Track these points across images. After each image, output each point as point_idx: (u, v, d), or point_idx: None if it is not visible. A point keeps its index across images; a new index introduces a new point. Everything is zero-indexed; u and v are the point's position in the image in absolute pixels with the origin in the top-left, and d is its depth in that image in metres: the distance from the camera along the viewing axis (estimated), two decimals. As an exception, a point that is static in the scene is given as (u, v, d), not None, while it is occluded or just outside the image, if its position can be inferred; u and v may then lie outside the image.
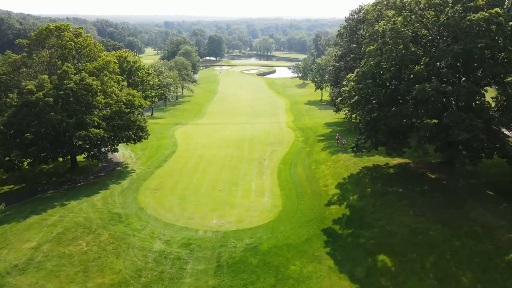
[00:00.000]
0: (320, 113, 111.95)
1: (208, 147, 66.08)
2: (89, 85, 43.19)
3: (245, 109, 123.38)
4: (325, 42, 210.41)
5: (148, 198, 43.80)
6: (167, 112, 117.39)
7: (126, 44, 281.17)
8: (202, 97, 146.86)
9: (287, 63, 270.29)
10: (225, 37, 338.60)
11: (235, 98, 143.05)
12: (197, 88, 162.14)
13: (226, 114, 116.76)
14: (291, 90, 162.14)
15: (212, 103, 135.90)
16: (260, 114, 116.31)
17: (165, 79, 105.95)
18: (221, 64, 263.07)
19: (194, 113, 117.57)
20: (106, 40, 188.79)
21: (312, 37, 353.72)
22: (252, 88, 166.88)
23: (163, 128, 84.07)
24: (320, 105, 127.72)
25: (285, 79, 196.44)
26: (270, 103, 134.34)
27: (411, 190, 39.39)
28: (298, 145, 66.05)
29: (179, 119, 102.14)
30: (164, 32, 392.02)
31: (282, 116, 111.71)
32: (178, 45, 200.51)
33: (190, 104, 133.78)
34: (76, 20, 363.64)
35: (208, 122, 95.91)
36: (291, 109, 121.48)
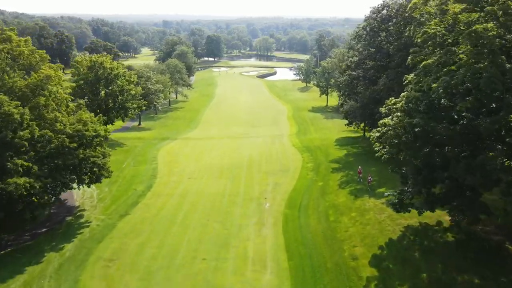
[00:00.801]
0: (327, 123, 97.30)
1: (195, 178, 51.37)
2: (7, 115, 28.72)
3: (243, 117, 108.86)
4: (328, 42, 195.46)
5: (96, 281, 29.20)
6: (157, 121, 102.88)
7: (121, 44, 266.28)
8: (198, 102, 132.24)
9: (288, 64, 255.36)
10: (224, 36, 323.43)
11: (233, 103, 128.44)
12: (193, 91, 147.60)
13: (222, 122, 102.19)
14: (293, 94, 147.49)
15: (208, 109, 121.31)
16: (260, 123, 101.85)
17: (153, 86, 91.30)
18: (220, 65, 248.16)
19: (187, 122, 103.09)
20: (97, 40, 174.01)
21: (313, 37, 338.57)
22: (251, 92, 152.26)
23: (146, 145, 69.31)
24: (326, 112, 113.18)
25: (286, 81, 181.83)
26: (271, 109, 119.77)
27: (493, 279, 25.02)
28: (308, 176, 51.37)
29: (168, 131, 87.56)
30: (161, 31, 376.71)
31: (284, 125, 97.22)
32: (173, 46, 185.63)
33: (184, 110, 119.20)
34: (71, 19, 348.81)
35: (200, 136, 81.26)
36: (294, 117, 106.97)
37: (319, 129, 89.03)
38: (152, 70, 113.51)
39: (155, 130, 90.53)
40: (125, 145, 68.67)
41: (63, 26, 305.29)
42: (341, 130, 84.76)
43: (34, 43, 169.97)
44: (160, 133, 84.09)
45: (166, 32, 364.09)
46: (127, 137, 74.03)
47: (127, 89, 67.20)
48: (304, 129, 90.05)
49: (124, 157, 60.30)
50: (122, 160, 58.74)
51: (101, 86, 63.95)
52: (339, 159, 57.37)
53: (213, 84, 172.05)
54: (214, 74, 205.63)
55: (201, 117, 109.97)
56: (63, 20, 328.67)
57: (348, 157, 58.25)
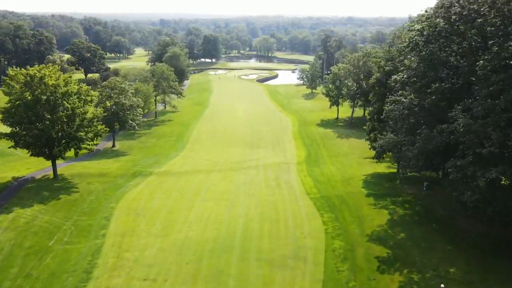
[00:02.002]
0: (342, 144, 79.51)
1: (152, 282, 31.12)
2: None
3: (240, 133, 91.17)
4: (335, 44, 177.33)
5: None
6: (138, 140, 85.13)
7: (112, 44, 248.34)
8: (189, 113, 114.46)
9: (290, 66, 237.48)
10: (223, 36, 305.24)
11: (229, 114, 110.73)
12: (186, 99, 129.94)
13: (214, 142, 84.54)
14: (297, 103, 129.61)
15: (200, 122, 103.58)
16: (260, 142, 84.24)
17: (129, 100, 73.55)
18: (217, 66, 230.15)
19: (173, 141, 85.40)
20: (79, 41, 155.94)
21: (316, 36, 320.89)
22: (250, 99, 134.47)
23: (105, 189, 49.02)
24: (337, 127, 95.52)
25: (289, 86, 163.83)
26: (273, 122, 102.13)
27: None
28: (337, 273, 32.04)
29: (146, 158, 69.82)
30: (157, 31, 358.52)
31: (290, 146, 79.64)
32: (165, 47, 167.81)
33: (172, 124, 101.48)
34: (62, 18, 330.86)
35: (183, 167, 63.07)
36: (301, 134, 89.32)
37: (334, 155, 71.19)
38: (134, 78, 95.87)
39: (131, 155, 72.81)
40: (76, 189, 50.18)
41: (52, 25, 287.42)
42: (363, 158, 67.09)
43: (8, 44, 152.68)
44: (134, 161, 66.26)
45: (162, 32, 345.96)
46: (85, 173, 56.04)
47: (81, 113, 49.19)
48: (315, 154, 72.28)
49: (64, 218, 41.67)
50: (59, 224, 40.49)
51: (43, 110, 45.99)
52: (382, 233, 37.96)
53: (208, 89, 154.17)
54: (210, 77, 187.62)
55: (191, 133, 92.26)
56: (54, 19, 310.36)
57: (394, 227, 39.00)
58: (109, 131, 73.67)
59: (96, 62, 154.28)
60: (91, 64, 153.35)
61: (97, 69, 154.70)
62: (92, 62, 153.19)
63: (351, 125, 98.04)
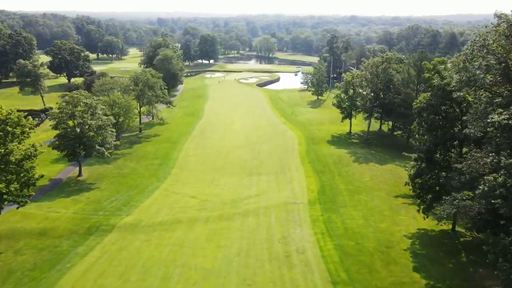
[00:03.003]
0: (363, 173, 63.72)
1: None
2: None
3: (237, 156, 75.56)
4: (342, 45, 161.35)
5: None
6: (113, 164, 69.42)
7: (104, 44, 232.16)
8: (179, 126, 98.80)
9: (292, 68, 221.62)
10: (221, 36, 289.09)
11: (225, 130, 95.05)
12: (177, 108, 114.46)
13: (205, 169, 69.05)
14: (302, 112, 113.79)
15: (191, 139, 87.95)
16: (260, 168, 68.83)
17: (97, 120, 57.84)
18: (215, 68, 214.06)
19: (156, 166, 69.89)
20: (61, 42, 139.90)
21: (319, 36, 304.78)
22: (250, 108, 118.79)
23: (33, 264, 33.63)
24: (352, 145, 79.84)
25: (292, 92, 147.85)
26: (276, 139, 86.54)
27: None
28: None
29: (116, 195, 54.36)
30: (153, 30, 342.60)
31: (297, 176, 64.24)
32: (157, 49, 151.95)
33: (158, 141, 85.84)
34: (54, 16, 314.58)
35: (158, 219, 47.57)
36: (310, 156, 73.82)
37: (355, 189, 55.57)
38: (110, 87, 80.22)
39: (99, 188, 57.28)
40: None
41: (42, 24, 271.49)
42: (393, 196, 51.58)
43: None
44: (99, 202, 50.80)
45: (158, 31, 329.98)
46: (20, 231, 40.29)
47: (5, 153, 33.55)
48: (330, 188, 56.73)
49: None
50: None
51: None
52: None
53: (204, 96, 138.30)
54: (206, 81, 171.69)
55: (178, 154, 76.72)
56: (45, 18, 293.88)
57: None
58: (72, 159, 58.08)
59: (80, 65, 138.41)
60: (74, 67, 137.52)
61: (81, 72, 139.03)
62: (75, 65, 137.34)
63: (368, 142, 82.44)
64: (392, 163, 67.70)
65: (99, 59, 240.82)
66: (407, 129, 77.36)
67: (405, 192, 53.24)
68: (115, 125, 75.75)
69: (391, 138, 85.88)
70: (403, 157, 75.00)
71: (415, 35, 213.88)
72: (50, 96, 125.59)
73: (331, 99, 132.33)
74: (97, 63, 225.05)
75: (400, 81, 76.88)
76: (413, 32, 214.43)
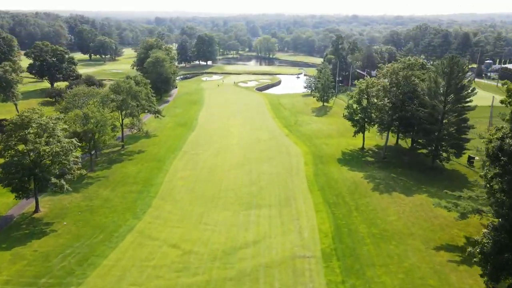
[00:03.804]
0: (387, 207, 51.40)
1: None
2: None
3: (232, 181, 63.29)
4: (348, 46, 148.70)
5: None
6: (83, 192, 57.18)
7: (96, 45, 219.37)
8: (169, 138, 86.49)
9: (294, 70, 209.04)
10: (220, 36, 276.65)
11: (219, 145, 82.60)
12: (168, 117, 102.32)
13: (193, 200, 56.86)
14: (307, 122, 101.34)
15: (180, 156, 75.64)
16: (260, 199, 56.63)
17: (53, 146, 45.36)
18: (212, 70, 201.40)
19: (134, 195, 57.71)
20: (42, 43, 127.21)
21: (321, 36, 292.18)
22: (249, 117, 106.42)
23: None
24: (367, 166, 67.52)
25: (295, 97, 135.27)
26: (278, 157, 74.22)
27: None
28: None
29: (72, 245, 41.98)
30: (150, 30, 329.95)
31: (305, 210, 52.29)
32: (149, 50, 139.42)
33: (142, 159, 73.50)
34: (47, 15, 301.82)
35: None
36: (319, 182, 61.69)
37: (380, 235, 43.34)
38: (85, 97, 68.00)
39: (55, 233, 45.01)
40: None
41: (33, 23, 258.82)
42: (432, 248, 39.25)
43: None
44: (47, 259, 38.41)
45: (155, 31, 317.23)
46: None
47: None
48: (349, 235, 44.40)
49: None
50: None
51: None
52: None
53: (199, 102, 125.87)
54: (203, 85, 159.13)
55: (163, 178, 64.44)
56: (37, 17, 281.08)
57: None
58: (22, 196, 45.67)
59: (64, 68, 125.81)
60: (57, 70, 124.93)
61: (64, 76, 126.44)
62: (58, 68, 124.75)
63: (385, 162, 70.13)
64: (420, 193, 55.44)
65: (91, 60, 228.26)
66: (432, 147, 65.06)
67: (446, 241, 41.02)
68: (89, 144, 63.47)
69: (411, 156, 73.57)
70: (430, 182, 63.39)
71: (424, 35, 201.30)
72: (29, 103, 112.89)
73: (338, 106, 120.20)
74: (89, 65, 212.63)
75: (426, 91, 64.41)
76: (421, 32, 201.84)
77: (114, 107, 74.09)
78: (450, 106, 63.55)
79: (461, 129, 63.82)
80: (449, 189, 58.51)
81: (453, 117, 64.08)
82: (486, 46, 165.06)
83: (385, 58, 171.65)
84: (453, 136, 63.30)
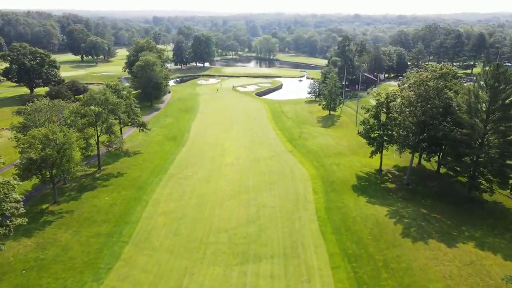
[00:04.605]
0: (420, 260, 39.26)
1: None
2: None
3: (226, 218, 51.18)
4: (356, 48, 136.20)
5: None
6: (37, 236, 45.53)
7: (87, 45, 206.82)
8: (154, 157, 74.27)
9: (296, 72, 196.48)
10: (218, 36, 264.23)
11: (212, 166, 70.32)
12: (157, 129, 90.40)
13: (174, 248, 44.82)
14: (313, 135, 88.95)
15: (164, 181, 63.46)
16: (260, 246, 44.87)
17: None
18: (209, 73, 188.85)
19: (103, 239, 45.96)
20: (20, 45, 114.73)
21: (323, 36, 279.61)
22: (248, 128, 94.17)
23: None
24: (389, 196, 55.35)
25: (299, 103, 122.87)
26: (281, 180, 62.04)
27: None
28: None
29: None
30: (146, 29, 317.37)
31: (317, 262, 40.51)
32: (138, 53, 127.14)
33: (118, 185, 61.29)
34: (39, 15, 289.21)
35: None
36: (331, 217, 49.91)
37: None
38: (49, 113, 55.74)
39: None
40: None
41: (23, 23, 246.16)
42: None
43: None
44: None
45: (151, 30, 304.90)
46: None
47: None
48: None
49: None
50: None
51: None
52: None
53: (193, 109, 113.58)
54: (198, 89, 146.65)
55: (141, 214, 52.24)
56: (28, 16, 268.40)
57: None
58: None
59: (44, 72, 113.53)
60: (37, 75, 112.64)
61: (45, 81, 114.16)
62: (38, 72, 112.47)
63: (409, 190, 57.95)
64: (463, 240, 43.28)
65: (83, 62, 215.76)
66: (470, 174, 52.86)
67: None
68: (50, 172, 51.18)
69: (440, 182, 61.49)
70: (470, 220, 49.86)
71: (433, 35, 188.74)
72: (2, 111, 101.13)
73: (346, 115, 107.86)
74: (79, 67, 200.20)
75: (464, 107, 52.06)
76: (430, 32, 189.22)
77: (86, 123, 61.77)
78: (492, 125, 51.38)
79: (506, 153, 51.57)
80: (497, 231, 46.14)
81: (495, 138, 52.01)
82: (502, 47, 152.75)
83: (393, 60, 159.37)
84: (496, 162, 51.15)
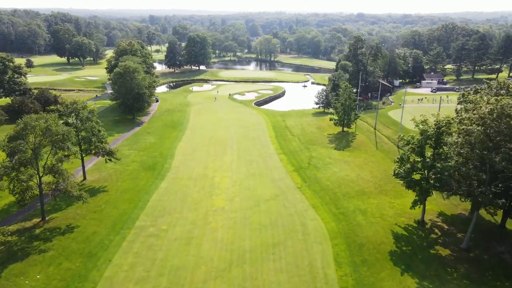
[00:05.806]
0: None
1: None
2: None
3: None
4: (370, 51, 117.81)
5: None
6: None
7: (73, 46, 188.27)
8: (119, 200, 56.25)
9: (299, 76, 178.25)
10: (216, 36, 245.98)
11: (197, 215, 52.19)
12: (131, 154, 72.63)
13: None
14: (326, 162, 71.02)
15: (125, 247, 45.17)
16: None
17: None
18: (205, 77, 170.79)
19: None
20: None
21: (327, 36, 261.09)
22: (245, 151, 76.19)
23: None
24: (437, 259, 37.60)
25: (304, 115, 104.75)
26: (289, 240, 44.19)
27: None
28: None
29: None
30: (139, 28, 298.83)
31: None
32: (119, 57, 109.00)
33: (57, 257, 43.17)
34: (27, 13, 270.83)
35: None
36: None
37: None
38: None
39: None
40: None
41: (7, 22, 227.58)
42: None
43: None
44: None
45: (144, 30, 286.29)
46: None
47: None
48: None
49: None
50: None
51: None
52: None
53: (181, 124, 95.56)
54: (189, 98, 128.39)
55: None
56: (14, 15, 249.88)
57: None
58: None
59: (6, 81, 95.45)
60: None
61: (7, 91, 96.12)
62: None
63: (473, 261, 40.05)
64: None
65: (69, 64, 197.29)
66: None
67: None
68: None
69: (508, 240, 43.68)
70: None
71: (449, 36, 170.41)
72: None
73: (362, 132, 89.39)
74: (63, 70, 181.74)
75: None
76: (447, 33, 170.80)
77: (21, 161, 43.76)
78: None
79: None
80: None
81: None
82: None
83: (409, 64, 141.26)
84: None
